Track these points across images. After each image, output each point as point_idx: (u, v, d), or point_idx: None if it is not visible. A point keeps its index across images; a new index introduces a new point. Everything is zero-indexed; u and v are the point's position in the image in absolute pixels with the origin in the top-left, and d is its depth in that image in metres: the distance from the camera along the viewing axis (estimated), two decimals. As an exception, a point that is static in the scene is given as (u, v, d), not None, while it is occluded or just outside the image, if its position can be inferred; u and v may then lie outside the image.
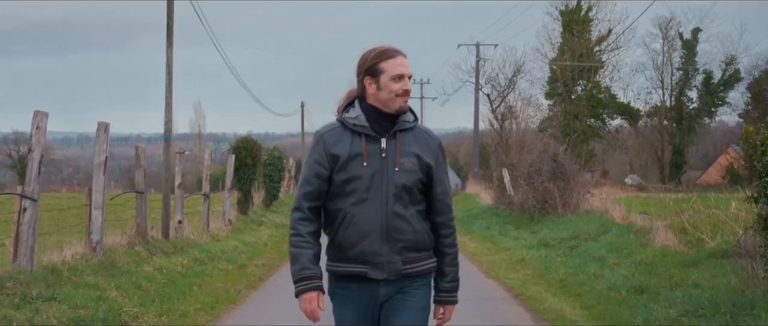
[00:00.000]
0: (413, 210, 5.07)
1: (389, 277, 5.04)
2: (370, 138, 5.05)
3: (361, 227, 4.97)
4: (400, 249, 5.03)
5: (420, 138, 5.17)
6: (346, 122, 5.10)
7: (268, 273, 17.01)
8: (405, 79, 5.08)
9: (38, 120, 11.70)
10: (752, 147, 11.36)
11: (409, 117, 5.18)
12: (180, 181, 21.12)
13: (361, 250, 4.99)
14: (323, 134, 5.12)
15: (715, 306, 10.73)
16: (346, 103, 5.23)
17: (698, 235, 17.41)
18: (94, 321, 10.09)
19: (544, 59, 70.92)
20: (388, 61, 5.08)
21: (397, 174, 5.01)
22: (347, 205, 5.00)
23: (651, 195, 38.91)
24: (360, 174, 4.98)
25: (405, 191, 5.02)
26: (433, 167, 5.15)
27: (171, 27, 20.01)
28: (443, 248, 5.27)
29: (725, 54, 70.80)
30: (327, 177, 5.04)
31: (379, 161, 5.02)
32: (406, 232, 5.02)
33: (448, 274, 5.29)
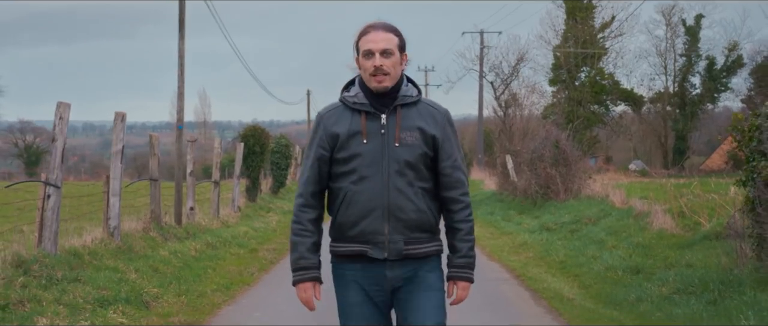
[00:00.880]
0: (418, 188, 4.92)
1: (390, 257, 4.93)
2: (370, 115, 4.94)
3: (361, 206, 4.88)
4: (402, 228, 4.90)
5: (424, 111, 5.01)
6: (346, 100, 5.02)
7: (278, 257, 17.58)
8: (375, 56, 4.89)
9: (61, 111, 12.29)
10: (740, 134, 11.93)
11: (410, 91, 5.04)
12: (192, 169, 21.68)
13: (362, 229, 4.91)
14: (323, 115, 5.05)
15: (705, 284, 11.35)
16: (347, 83, 5.16)
17: (695, 219, 18.01)
18: (117, 301, 10.65)
19: (548, 46, 71.35)
20: (362, 38, 4.96)
21: (398, 150, 4.88)
22: (347, 184, 4.92)
23: (653, 181, 39.36)
24: (359, 152, 4.88)
25: (408, 167, 4.88)
26: (438, 139, 4.97)
27: (183, 20, 20.58)
28: (453, 223, 5.08)
29: (728, 40, 71.07)
30: (328, 158, 4.97)
31: (380, 137, 4.91)
32: (409, 210, 4.89)
33: (460, 250, 5.07)
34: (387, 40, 4.90)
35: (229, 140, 62.80)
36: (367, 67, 4.90)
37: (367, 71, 4.90)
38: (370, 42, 4.89)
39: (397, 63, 4.93)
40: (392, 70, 4.90)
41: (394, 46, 4.91)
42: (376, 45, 4.87)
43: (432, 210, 5.00)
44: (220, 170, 25.14)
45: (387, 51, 4.88)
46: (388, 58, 4.88)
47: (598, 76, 70.55)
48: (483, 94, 60.31)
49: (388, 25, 4.99)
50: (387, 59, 4.88)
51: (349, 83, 5.12)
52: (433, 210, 5.01)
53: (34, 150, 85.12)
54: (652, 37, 76.31)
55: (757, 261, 11.34)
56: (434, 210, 5.03)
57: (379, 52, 4.86)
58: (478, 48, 60.49)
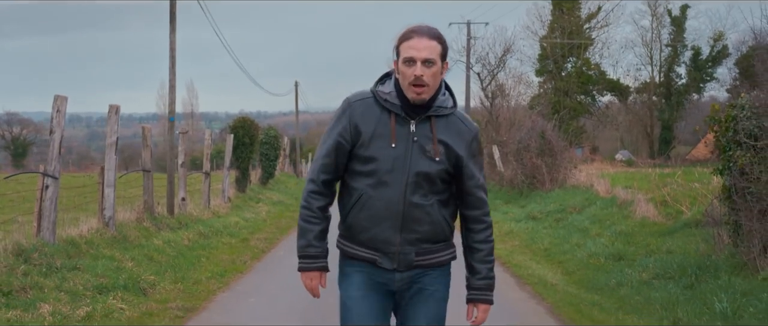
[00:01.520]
0: (433, 200, 4.72)
1: (399, 268, 4.76)
2: (400, 118, 4.68)
3: (375, 212, 4.66)
4: (415, 240, 4.72)
5: (453, 127, 4.76)
6: (378, 95, 4.74)
7: (269, 245, 17.94)
8: (416, 65, 4.57)
9: (58, 104, 12.61)
10: (718, 124, 12.34)
11: (447, 102, 4.77)
12: (183, 160, 22.01)
13: (373, 236, 4.71)
14: (352, 103, 4.76)
15: (683, 270, 11.78)
16: (383, 75, 4.90)
17: (677, 207, 18.45)
18: (116, 288, 11.01)
19: (535, 37, 71.84)
20: (404, 43, 4.63)
21: (423, 162, 4.65)
22: (364, 185, 4.69)
23: (639, 170, 39.86)
24: (383, 156, 4.64)
25: (426, 179, 4.66)
26: (463, 159, 4.75)
27: (174, 13, 20.85)
28: (475, 244, 4.90)
29: (713, 30, 71.65)
30: (348, 150, 4.71)
31: (406, 144, 4.66)
32: (423, 223, 4.70)
33: (480, 271, 4.89)
34: (430, 49, 4.59)
35: (216, 132, 63.07)
36: (406, 74, 4.60)
37: (406, 79, 4.60)
38: (412, 49, 4.58)
39: (437, 73, 4.63)
40: (432, 81, 4.61)
41: (436, 56, 4.61)
42: (418, 53, 4.57)
43: (446, 220, 4.81)
44: (209, 162, 25.45)
45: (429, 61, 4.58)
46: (429, 68, 4.58)
47: (584, 66, 71.09)
48: (470, 85, 60.67)
49: (432, 31, 4.66)
50: (428, 69, 4.58)
51: (384, 76, 4.85)
52: (448, 219, 4.82)
53: (21, 142, 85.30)
54: (638, 28, 77.18)
55: (733, 247, 11.76)
56: (449, 219, 4.84)
57: (421, 62, 4.57)
58: (465, 39, 60.77)
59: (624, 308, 10.50)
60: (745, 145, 11.35)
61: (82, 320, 9.40)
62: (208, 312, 10.49)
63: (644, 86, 74.03)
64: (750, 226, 11.21)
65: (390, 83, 4.77)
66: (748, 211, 11.30)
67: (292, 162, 59.18)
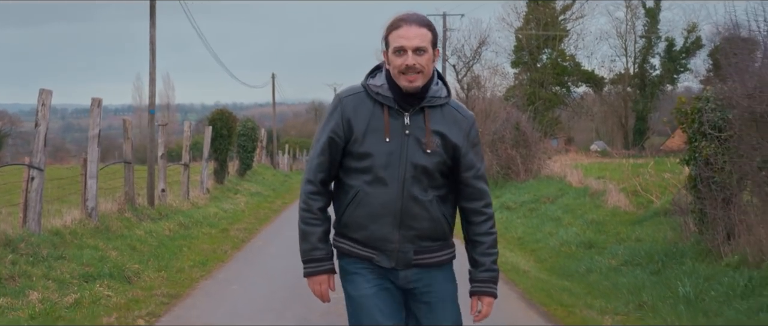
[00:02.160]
0: (432, 195, 4.56)
1: (397, 266, 4.61)
2: (393, 111, 4.54)
3: (372, 209, 4.52)
4: (414, 237, 4.56)
5: (449, 116, 4.62)
6: (370, 88, 4.60)
7: (249, 235, 18.28)
8: (407, 54, 4.42)
9: (43, 97, 12.94)
10: (684, 116, 12.77)
11: (440, 92, 4.62)
12: (163, 152, 22.29)
13: (370, 234, 4.56)
14: (343, 99, 4.60)
15: (650, 256, 12.24)
16: (374, 68, 4.74)
17: (648, 197, 18.92)
18: (101, 276, 11.35)
19: (510, 28, 72.39)
20: (393, 32, 4.49)
21: (419, 155, 4.50)
22: (360, 183, 4.53)
23: (613, 161, 40.35)
24: (378, 151, 4.49)
25: (424, 173, 4.51)
26: (460, 149, 4.59)
27: (154, 7, 21.15)
28: (475, 236, 4.72)
29: (687, 21, 72.28)
30: (342, 147, 4.57)
31: (401, 138, 4.51)
32: (422, 219, 4.54)
33: (483, 263, 4.71)
34: (421, 37, 4.45)
35: (192, 123, 63.22)
36: (397, 64, 4.45)
37: (397, 69, 4.46)
38: (402, 38, 4.44)
39: (429, 61, 4.49)
40: (425, 68, 4.47)
41: (427, 43, 4.47)
42: (408, 42, 4.43)
43: (446, 217, 4.65)
44: (180, 153, 25.67)
45: (420, 49, 4.44)
46: (421, 56, 4.44)
47: (559, 58, 71.65)
48: (446, 77, 61.03)
49: (421, 18, 4.51)
50: (420, 57, 4.44)
51: (375, 69, 4.71)
52: (447, 217, 4.67)
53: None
54: (613, 19, 77.99)
55: (699, 235, 12.20)
56: (448, 217, 4.68)
57: (412, 50, 4.43)
58: (441, 31, 61.13)
59: (592, 293, 10.91)
60: (709, 136, 11.78)
61: (71, 306, 9.72)
62: (192, 299, 10.84)
63: (619, 77, 74.65)
64: (714, 214, 11.65)
65: (381, 76, 4.62)
66: (712, 200, 11.73)
67: (269, 154, 59.42)
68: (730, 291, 9.47)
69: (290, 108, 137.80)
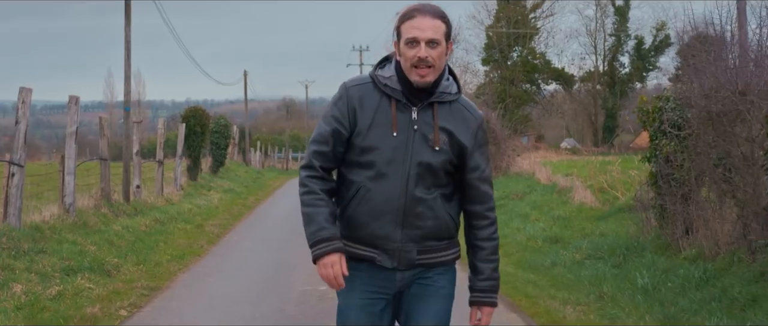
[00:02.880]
0: (436, 193, 4.36)
1: (400, 266, 4.40)
2: (401, 105, 4.33)
3: (375, 206, 4.30)
4: (417, 237, 4.35)
5: (457, 114, 4.41)
6: (378, 79, 4.38)
7: (223, 231, 18.66)
8: (420, 45, 4.22)
9: (23, 95, 13.25)
10: (645, 115, 13.25)
11: (451, 87, 4.42)
12: (138, 148, 22.62)
13: (372, 232, 4.34)
14: (349, 88, 4.40)
15: (612, 250, 12.72)
16: (383, 58, 4.54)
17: (613, 193, 19.45)
18: (82, 269, 11.70)
19: (481, 26, 72.90)
20: (406, 22, 4.29)
21: (426, 152, 4.30)
22: (363, 178, 4.32)
23: (583, 158, 40.95)
24: (383, 145, 4.28)
25: (429, 171, 4.31)
26: (467, 149, 4.38)
27: (129, 5, 21.47)
28: (477, 241, 4.49)
29: (656, 20, 72.96)
30: (346, 139, 4.35)
31: (407, 133, 4.31)
32: (426, 218, 4.33)
33: (483, 271, 4.49)
34: (435, 29, 4.25)
35: (165, 120, 63.35)
36: (409, 56, 4.25)
37: (409, 61, 4.25)
38: (416, 29, 4.24)
39: (442, 54, 4.29)
40: (437, 62, 4.26)
41: (441, 36, 4.28)
42: (422, 33, 4.23)
43: (451, 216, 4.45)
44: (151, 150, 25.95)
45: (434, 41, 4.24)
46: (434, 49, 4.24)
47: (529, 55, 72.25)
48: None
49: (436, 9, 4.33)
50: (433, 50, 4.23)
51: (384, 60, 4.50)
52: (452, 215, 4.46)
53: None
54: (582, 18, 78.60)
55: (659, 229, 12.69)
56: (453, 215, 4.48)
57: (425, 42, 4.22)
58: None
59: (556, 285, 11.35)
60: (669, 134, 12.26)
61: (54, 298, 10.07)
62: (171, 291, 11.23)
63: (588, 74, 75.26)
64: (674, 210, 12.13)
65: (390, 67, 4.41)
66: (672, 196, 12.22)
67: (241, 151, 59.70)
68: (685, 282, 9.96)
69: (261, 105, 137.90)
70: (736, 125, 10.57)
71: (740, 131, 10.52)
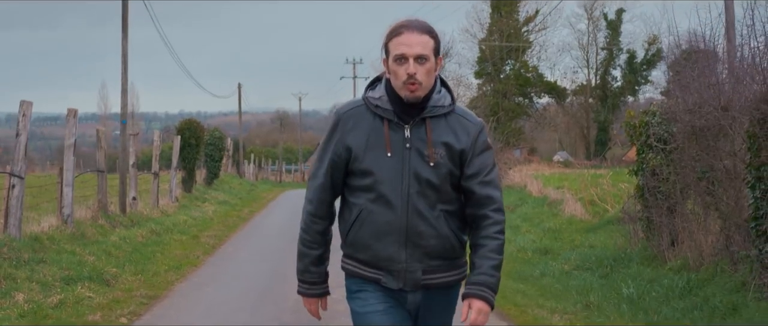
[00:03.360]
0: (439, 211, 4.31)
1: (406, 288, 4.36)
2: (393, 124, 4.31)
3: (376, 228, 4.30)
4: (421, 255, 4.31)
5: (454, 124, 4.36)
6: (369, 102, 4.38)
7: (219, 242, 18.91)
8: (408, 62, 4.19)
9: (24, 108, 13.53)
10: (632, 129, 13.58)
11: (443, 100, 4.37)
12: (134, 161, 22.88)
13: (376, 253, 4.33)
14: (342, 115, 4.40)
15: (600, 261, 13.05)
16: (373, 79, 4.53)
17: (603, 206, 19.77)
18: (81, 279, 11.96)
19: (474, 40, 73.30)
20: (393, 39, 4.26)
21: (423, 168, 4.27)
22: (363, 200, 4.33)
23: (575, 171, 41.28)
24: (379, 167, 4.28)
25: (430, 187, 4.28)
26: (466, 153, 4.33)
27: (126, 18, 21.75)
28: (479, 240, 4.35)
29: (648, 34, 73.34)
30: (343, 166, 4.38)
31: (402, 152, 4.29)
32: (429, 237, 4.28)
33: (479, 266, 4.30)
34: (423, 44, 4.22)
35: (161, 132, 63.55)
36: (398, 73, 4.23)
37: (399, 78, 4.23)
38: (403, 45, 4.21)
39: (432, 69, 4.27)
40: (426, 78, 4.24)
41: (430, 51, 4.25)
42: (410, 49, 4.20)
43: (456, 234, 4.38)
44: (145, 162, 26.20)
45: (422, 56, 4.22)
46: (423, 65, 4.22)
47: (522, 69, 72.64)
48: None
49: (423, 24, 4.30)
50: (422, 66, 4.22)
51: (374, 80, 4.51)
52: (458, 234, 4.39)
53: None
54: (575, 31, 78.80)
55: (646, 241, 13.03)
56: (459, 234, 4.40)
57: (414, 58, 4.20)
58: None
59: (545, 294, 11.64)
60: (656, 148, 12.59)
61: (56, 306, 10.35)
62: (170, 300, 11.50)
63: (581, 88, 75.72)
64: (660, 222, 12.47)
65: (380, 87, 4.41)
66: (658, 208, 12.56)
67: (235, 163, 59.96)
68: (669, 291, 10.28)
69: (254, 117, 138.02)
70: (719, 139, 10.90)
71: (723, 146, 10.85)
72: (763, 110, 9.03)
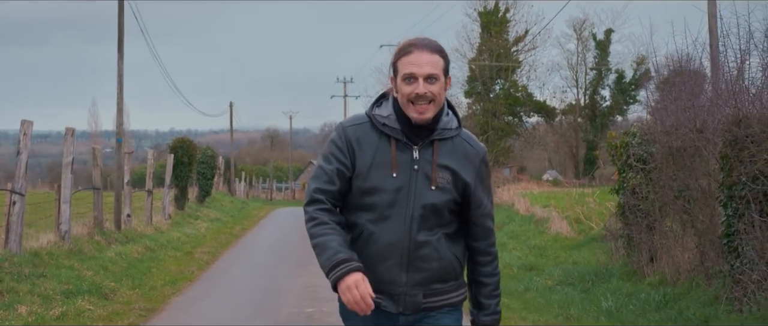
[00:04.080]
0: (440, 234, 4.20)
1: (405, 311, 4.23)
2: (401, 144, 4.17)
3: (378, 250, 4.14)
4: (423, 280, 4.20)
5: (460, 149, 4.25)
6: (375, 119, 4.23)
7: (213, 258, 19.34)
8: (418, 81, 4.08)
9: (25, 127, 13.99)
10: (614, 149, 14.07)
11: (451, 123, 4.26)
12: (128, 178, 23.30)
13: (377, 276, 4.12)
14: (347, 128, 4.25)
15: (582, 277, 13.50)
16: (379, 96, 4.39)
17: (589, 224, 20.24)
18: (80, 292, 12.38)
19: (464, 59, 73.63)
20: (403, 58, 4.15)
21: (427, 191, 4.14)
22: (365, 220, 4.17)
23: (564, 190, 41.71)
24: (384, 187, 4.13)
25: (433, 212, 4.16)
26: (470, 186, 4.22)
27: (121, 39, 22.22)
28: (481, 277, 4.35)
29: (636, 54, 73.83)
30: (348, 179, 4.20)
31: (409, 174, 4.15)
32: (431, 260, 4.17)
33: (486, 307, 4.35)
34: (433, 64, 4.11)
35: (145, 150, 63.86)
36: (406, 93, 4.11)
37: (407, 97, 4.11)
38: (413, 65, 4.10)
39: (441, 90, 4.17)
40: (436, 98, 4.12)
41: (439, 71, 4.15)
42: (420, 69, 4.09)
43: (456, 256, 4.28)
44: (137, 180, 26.57)
45: (432, 76, 4.11)
46: (432, 85, 4.10)
47: (512, 88, 72.88)
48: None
49: (433, 44, 4.20)
50: (431, 86, 4.10)
51: (380, 97, 4.37)
52: (457, 255, 4.30)
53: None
54: (564, 51, 78.78)
55: (627, 257, 13.51)
56: (458, 255, 4.30)
57: (424, 78, 4.09)
58: (396, 61, 62.16)
59: (528, 308, 12.08)
60: (635, 168, 13.07)
61: (58, 318, 10.79)
62: (167, 313, 11.95)
63: (570, 107, 76.02)
64: (639, 239, 12.95)
65: (387, 105, 4.27)
66: (638, 225, 13.04)
67: (227, 181, 60.36)
68: (646, 305, 10.74)
69: (245, 135, 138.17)
70: (694, 160, 11.37)
71: (698, 166, 11.32)
72: (734, 133, 9.49)
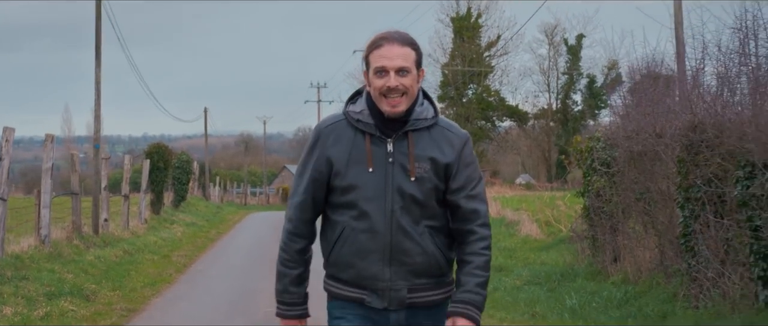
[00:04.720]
0: (423, 227, 4.18)
1: (391, 307, 4.22)
2: (375, 139, 4.18)
3: (359, 246, 4.16)
4: (406, 274, 4.17)
5: (438, 137, 4.23)
6: (350, 116, 4.25)
7: (189, 261, 19.72)
8: (389, 75, 4.08)
9: (7, 134, 14.33)
10: (579, 154, 14.56)
11: (426, 112, 4.24)
12: (105, 184, 23.61)
13: (359, 272, 4.19)
14: (322, 130, 4.27)
15: (548, 276, 13.99)
16: (354, 93, 4.38)
17: (558, 226, 20.76)
18: (62, 294, 12.76)
19: (436, 64, 74.15)
20: (374, 52, 4.15)
21: (406, 183, 4.13)
22: (346, 218, 4.19)
23: (536, 193, 42.29)
24: (361, 183, 4.15)
25: (414, 203, 4.15)
26: (452, 167, 4.19)
27: (99, 47, 22.55)
28: (464, 256, 4.22)
29: (608, 59, 74.52)
30: (324, 182, 4.24)
31: (384, 167, 4.15)
32: (414, 254, 4.15)
33: (465, 284, 4.16)
34: (404, 56, 4.11)
35: (119, 155, 63.91)
36: (378, 86, 4.11)
37: (379, 91, 4.11)
38: (384, 58, 4.10)
39: (414, 82, 4.15)
40: (408, 90, 4.12)
41: (411, 63, 4.14)
42: (390, 62, 4.09)
43: (442, 251, 4.24)
44: (112, 185, 26.80)
45: (403, 69, 4.10)
46: (404, 77, 4.10)
47: (484, 93, 73.49)
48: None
49: (404, 36, 4.20)
50: (403, 78, 4.10)
51: (355, 94, 4.37)
52: (444, 251, 4.26)
53: None
54: (536, 56, 79.46)
55: (592, 257, 14.00)
56: (444, 250, 4.26)
57: (395, 71, 4.09)
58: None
59: (496, 307, 12.50)
60: (600, 171, 13.57)
61: (42, 319, 11.16)
62: (148, 313, 12.36)
63: (542, 112, 76.67)
64: (604, 239, 13.46)
65: (361, 101, 4.27)
66: (602, 227, 13.55)
67: (202, 186, 60.63)
68: (608, 302, 11.24)
69: (219, 140, 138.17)
70: (654, 163, 11.86)
71: (658, 169, 11.81)
72: (690, 137, 9.98)
